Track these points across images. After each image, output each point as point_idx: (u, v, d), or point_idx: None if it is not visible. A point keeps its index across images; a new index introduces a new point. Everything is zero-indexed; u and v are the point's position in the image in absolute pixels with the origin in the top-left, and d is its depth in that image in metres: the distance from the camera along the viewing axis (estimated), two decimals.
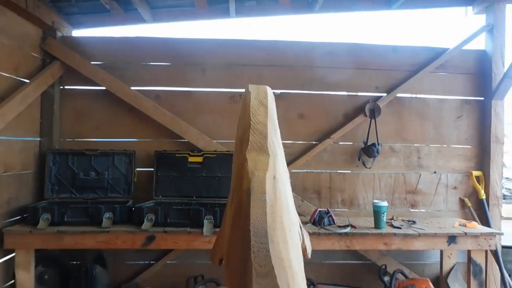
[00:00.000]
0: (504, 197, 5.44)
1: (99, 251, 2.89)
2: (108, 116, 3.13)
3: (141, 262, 3.14)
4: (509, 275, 3.26)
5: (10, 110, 2.55)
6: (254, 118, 1.00)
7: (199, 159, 3.02)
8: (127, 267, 3.13)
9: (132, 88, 3.08)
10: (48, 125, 3.04)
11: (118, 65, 3.12)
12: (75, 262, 2.92)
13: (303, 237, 1.13)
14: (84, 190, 2.97)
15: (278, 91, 3.20)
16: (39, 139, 3.03)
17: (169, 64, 3.19)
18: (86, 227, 2.57)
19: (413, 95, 3.34)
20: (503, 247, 3.98)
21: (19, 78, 2.75)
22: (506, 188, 5.85)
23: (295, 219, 1.10)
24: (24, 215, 2.72)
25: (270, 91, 1.12)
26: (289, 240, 0.95)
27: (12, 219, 2.69)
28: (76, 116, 3.13)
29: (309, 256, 1.13)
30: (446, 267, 3.18)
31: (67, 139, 3.13)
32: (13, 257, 2.60)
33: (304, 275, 1.06)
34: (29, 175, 2.91)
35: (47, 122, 3.04)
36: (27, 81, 2.80)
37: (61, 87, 3.11)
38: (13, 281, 2.65)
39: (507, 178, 6.25)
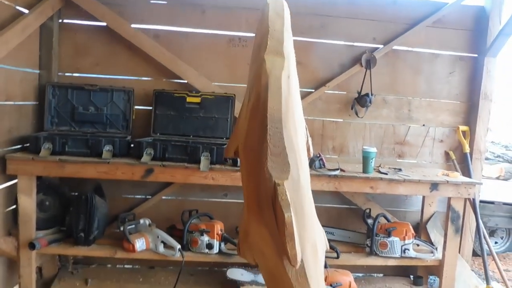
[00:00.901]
0: (487, 158, 5.67)
1: (97, 184, 3.00)
2: (108, 53, 3.15)
3: (138, 196, 3.28)
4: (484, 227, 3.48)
5: (11, 38, 2.56)
6: (272, 26, 1.13)
7: (197, 100, 3.09)
8: (124, 200, 3.26)
9: (132, 25, 3.09)
10: (47, 58, 3.05)
11: (117, 1, 3.10)
12: (74, 193, 3.03)
13: (307, 138, 1.30)
14: (83, 124, 3.04)
15: None
16: (38, 71, 3.06)
17: (168, 3, 3.18)
18: (87, 158, 2.66)
19: (409, 48, 3.40)
20: (481, 201, 4.21)
21: (18, 8, 2.73)
22: (490, 152, 6.04)
23: (302, 120, 1.27)
24: (25, 145, 2.80)
25: (286, 5, 1.27)
26: (298, 132, 1.11)
27: (13, 147, 2.76)
28: (75, 51, 3.14)
29: (311, 155, 1.28)
30: (426, 215, 3.37)
31: (66, 74, 3.16)
32: (15, 183, 2.70)
33: (307, 163, 1.25)
34: (29, 107, 2.97)
35: (46, 56, 3.05)
36: (27, 11, 2.79)
37: (60, 21, 3.10)
38: (15, 206, 2.77)
39: (492, 142, 6.45)
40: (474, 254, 3.88)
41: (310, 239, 1.12)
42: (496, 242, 4.62)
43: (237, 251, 1.24)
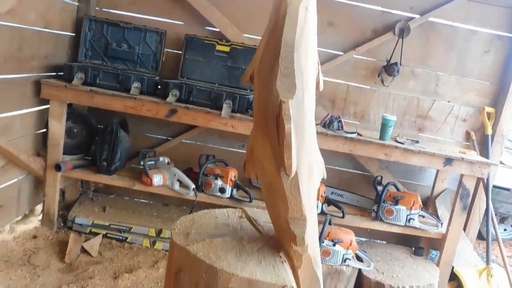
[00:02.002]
0: (507, 148, 5.56)
1: (123, 119, 3.14)
2: None
3: (160, 137, 3.42)
4: (495, 214, 3.48)
5: None
6: None
7: (226, 49, 3.14)
8: (146, 138, 3.41)
9: None
10: None
11: None
12: (101, 126, 3.18)
13: (319, 72, 1.34)
14: (115, 60, 3.14)
15: None
16: (77, 4, 3.15)
17: None
18: (115, 92, 2.78)
19: (446, 22, 3.32)
20: (496, 187, 4.20)
21: None
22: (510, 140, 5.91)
23: (315, 55, 1.31)
24: (59, 73, 2.93)
25: None
26: (309, 62, 1.18)
27: (48, 73, 2.90)
28: None
29: (321, 88, 1.36)
30: (437, 190, 3.41)
31: (103, 9, 3.24)
32: (47, 108, 2.86)
33: (314, 90, 1.30)
34: (65, 37, 3.09)
35: None
36: None
37: None
38: (45, 129, 2.95)
39: None
40: (481, 237, 3.93)
41: (307, 159, 1.22)
42: (505, 229, 4.64)
43: (243, 169, 1.35)
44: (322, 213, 2.91)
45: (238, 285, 1.16)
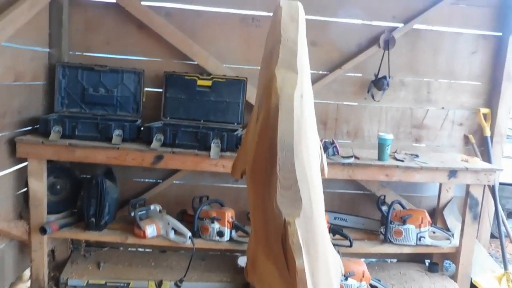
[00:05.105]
0: (508, 136, 5.50)
1: (108, 167, 2.97)
2: (118, 31, 3.05)
3: (149, 181, 3.25)
4: (502, 210, 3.38)
5: (18, 16, 2.48)
6: (285, 34, 0.99)
7: (208, 83, 3.00)
8: (135, 184, 3.24)
9: (143, 3, 2.98)
10: (57, 36, 2.97)
11: None
12: (85, 176, 3.01)
13: (322, 157, 1.18)
14: (93, 106, 2.98)
15: None
16: (48, 50, 2.99)
17: None
18: (96, 142, 2.62)
19: (430, 27, 3.23)
20: (500, 183, 4.10)
21: None
22: (510, 128, 5.86)
23: (317, 139, 1.15)
24: (36, 126, 2.76)
25: (301, 8, 1.11)
26: (311, 157, 0.99)
27: (24, 129, 2.74)
28: (86, 28, 3.05)
29: (326, 175, 1.16)
30: (443, 200, 3.28)
31: (77, 53, 3.08)
32: (25, 165, 2.68)
33: (321, 189, 1.11)
34: (39, 86, 2.92)
35: (56, 33, 2.97)
36: None
37: None
38: (26, 189, 2.76)
39: None
40: (492, 236, 3.81)
41: (323, 271, 1.02)
42: None
43: (245, 275, 1.15)
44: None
45: None
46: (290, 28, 1.01)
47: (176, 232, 2.73)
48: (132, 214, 2.76)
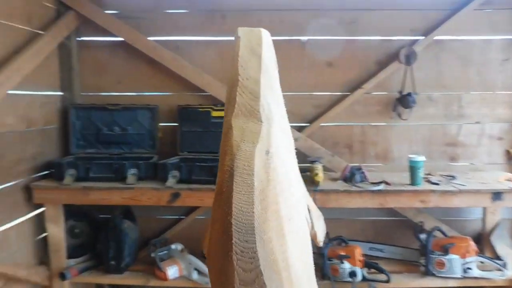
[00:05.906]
0: None
1: (126, 206, 2.88)
2: (128, 69, 3.03)
3: (170, 217, 3.13)
4: None
5: (26, 63, 2.49)
6: (243, 73, 0.75)
7: (222, 114, 2.89)
8: (155, 222, 3.13)
9: (150, 38, 2.95)
10: (68, 78, 2.98)
11: (134, 14, 2.97)
12: (104, 216, 2.93)
13: (312, 222, 0.94)
14: (109, 145, 2.94)
15: (305, 38, 2.99)
16: (60, 93, 2.99)
17: (187, 11, 3.02)
18: (111, 183, 2.55)
19: (454, 37, 3.02)
20: None
21: (33, 30, 2.66)
22: None
23: (301, 202, 0.87)
24: (52, 170, 2.73)
25: (266, 36, 0.83)
26: (287, 233, 0.73)
27: (40, 173, 2.71)
28: (96, 69, 3.05)
29: (321, 243, 0.95)
30: (489, 224, 2.94)
31: (89, 93, 3.07)
32: (43, 211, 2.64)
33: (313, 271, 0.87)
34: (52, 130, 2.90)
35: (67, 76, 2.98)
36: (42, 32, 2.72)
37: (77, 39, 3.02)
38: (45, 234, 2.71)
39: None
40: None
41: None
42: None
43: None
44: (364, 280, 2.51)
45: None
46: (249, 64, 0.76)
47: (200, 272, 2.58)
48: (153, 255, 2.65)
